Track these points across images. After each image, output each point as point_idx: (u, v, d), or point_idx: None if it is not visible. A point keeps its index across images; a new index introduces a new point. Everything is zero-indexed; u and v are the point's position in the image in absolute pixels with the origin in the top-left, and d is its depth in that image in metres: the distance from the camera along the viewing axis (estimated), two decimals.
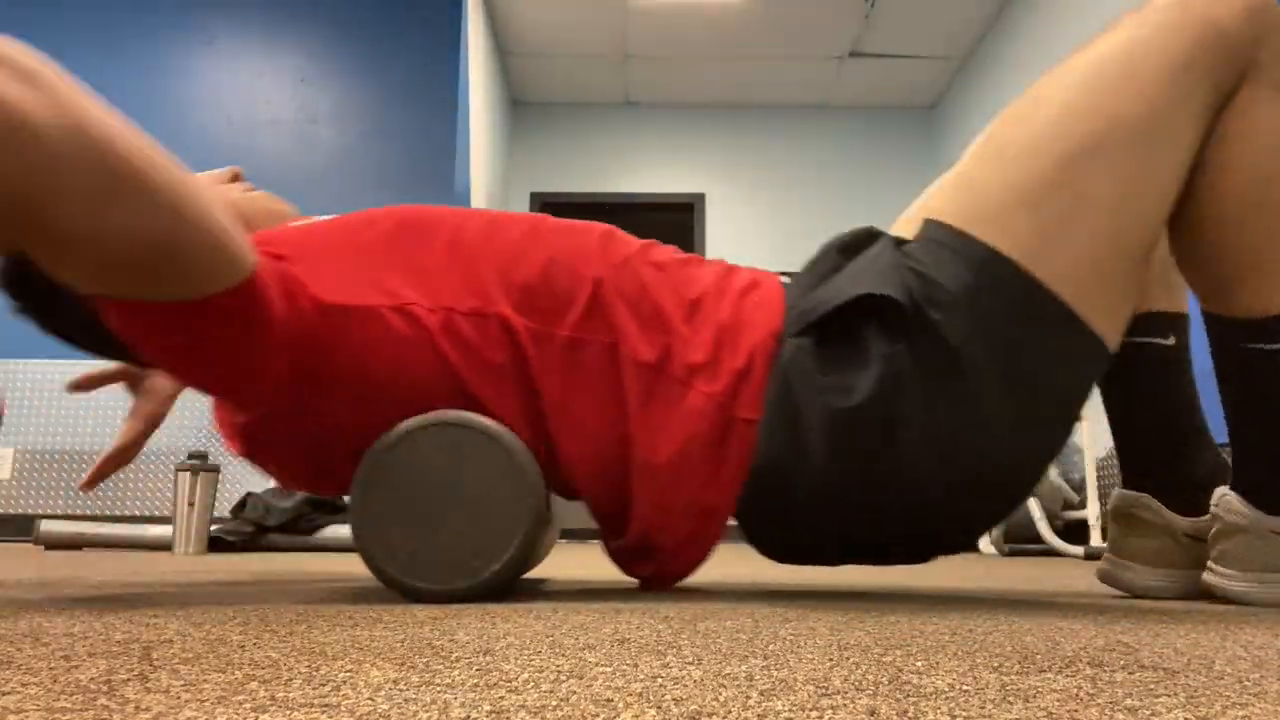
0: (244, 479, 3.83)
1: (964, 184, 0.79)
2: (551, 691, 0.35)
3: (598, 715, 0.30)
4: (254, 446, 0.81)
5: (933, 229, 0.78)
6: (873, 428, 0.75)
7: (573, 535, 4.54)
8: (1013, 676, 0.40)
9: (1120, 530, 0.94)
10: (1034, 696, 0.35)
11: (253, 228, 0.86)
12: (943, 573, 1.52)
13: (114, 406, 3.85)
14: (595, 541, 4.56)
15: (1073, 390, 0.77)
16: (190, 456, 2.32)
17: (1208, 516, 0.87)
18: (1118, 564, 0.95)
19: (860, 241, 0.85)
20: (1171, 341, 0.92)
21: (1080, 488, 3.51)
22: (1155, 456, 0.92)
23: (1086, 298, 0.75)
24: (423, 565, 0.73)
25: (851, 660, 0.44)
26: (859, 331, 0.76)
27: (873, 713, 0.32)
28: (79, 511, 3.75)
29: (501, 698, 0.33)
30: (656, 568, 0.83)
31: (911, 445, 0.75)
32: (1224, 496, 0.85)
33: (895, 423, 0.75)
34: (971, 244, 0.75)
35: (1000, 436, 0.75)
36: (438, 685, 0.36)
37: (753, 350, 0.79)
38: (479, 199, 4.56)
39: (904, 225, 0.85)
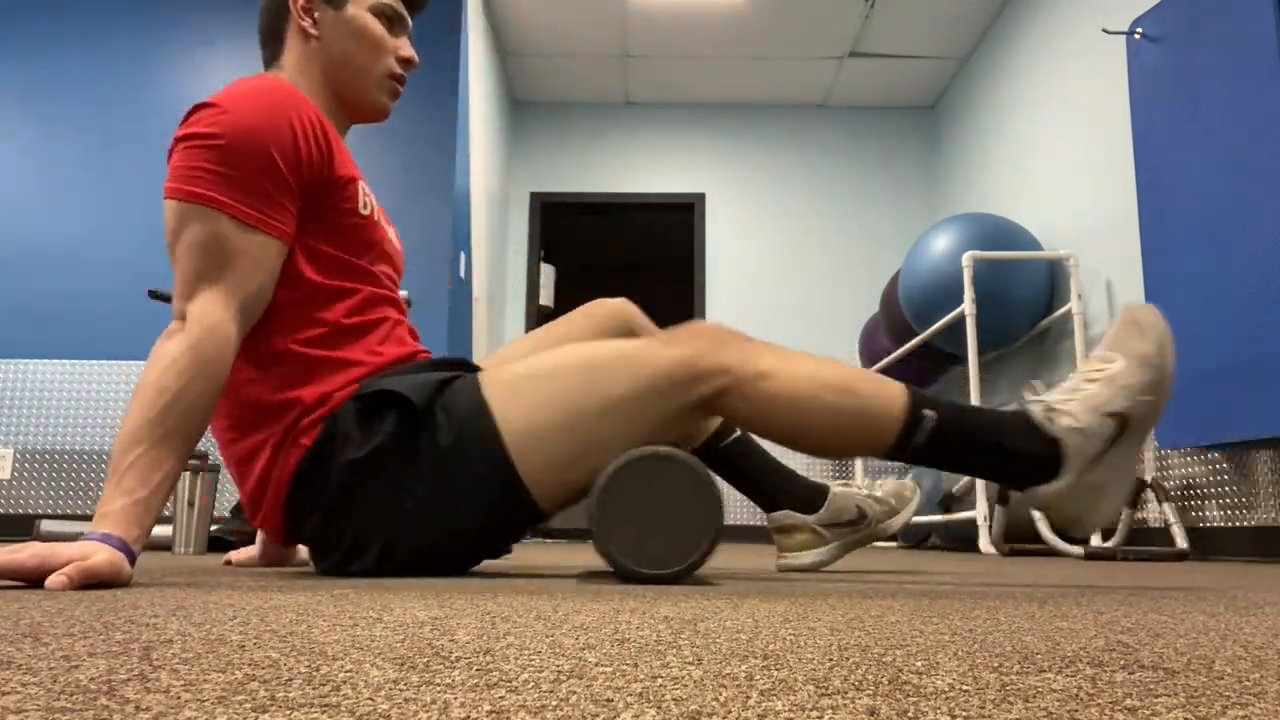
0: None
1: (514, 380, 1.14)
2: (551, 691, 0.35)
3: (598, 715, 0.30)
4: None
5: (475, 386, 1.14)
6: (364, 473, 1.10)
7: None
8: (1013, 676, 0.40)
9: (782, 537, 1.45)
10: (1034, 696, 0.35)
11: None
12: (943, 573, 1.52)
13: (113, 406, 3.85)
14: None
15: (494, 527, 1.13)
16: (190, 457, 2.32)
17: (819, 514, 1.43)
18: (789, 557, 1.44)
19: (445, 364, 1.21)
20: (729, 443, 1.41)
21: None
22: (780, 493, 1.45)
23: (540, 484, 1.11)
24: (647, 555, 1.05)
25: (851, 660, 0.44)
26: (386, 413, 1.11)
27: (873, 713, 0.32)
28: (79, 511, 3.75)
29: (501, 698, 0.33)
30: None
31: (377, 492, 1.10)
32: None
33: (376, 475, 1.10)
34: (486, 411, 1.11)
35: (431, 517, 1.11)
36: (438, 685, 0.36)
37: (328, 402, 1.13)
38: (479, 199, 4.56)
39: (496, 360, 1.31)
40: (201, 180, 1.06)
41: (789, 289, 5.53)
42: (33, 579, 0.81)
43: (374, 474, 1.10)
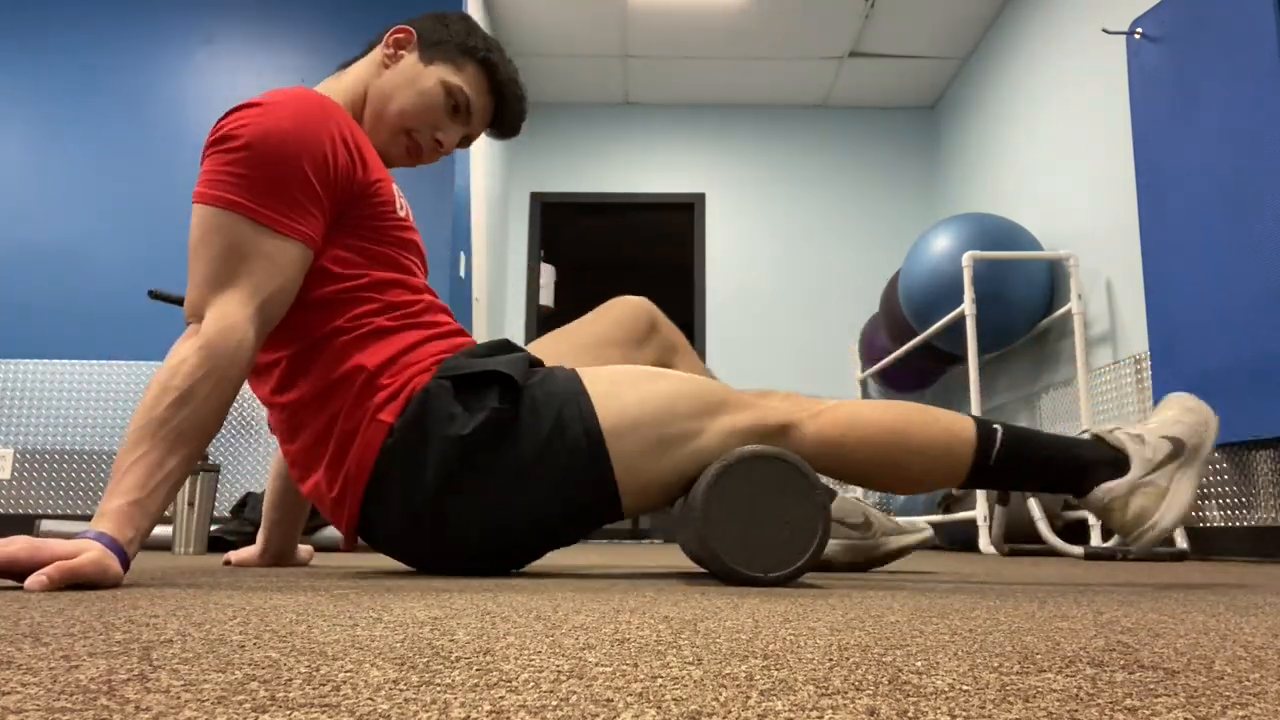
0: (244, 479, 3.83)
1: (610, 374, 1.15)
2: (551, 691, 0.35)
3: (598, 715, 0.30)
4: None
5: (570, 371, 1.15)
6: (470, 449, 1.08)
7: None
8: (1013, 676, 0.40)
9: None
10: (1034, 696, 0.35)
11: None
12: (943, 573, 1.52)
13: (113, 406, 3.85)
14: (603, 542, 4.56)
15: (578, 516, 1.13)
16: (199, 459, 2.32)
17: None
18: None
19: (507, 346, 1.20)
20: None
21: None
22: None
23: (631, 487, 1.12)
24: (753, 557, 1.02)
25: (851, 660, 0.44)
26: (487, 390, 1.10)
27: (873, 713, 0.32)
28: (79, 512, 3.75)
29: (501, 698, 0.33)
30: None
31: (477, 470, 1.09)
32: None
33: (480, 452, 1.09)
34: (584, 391, 1.11)
35: (517, 500, 1.10)
36: (438, 685, 0.36)
37: (410, 382, 1.13)
38: (479, 199, 4.56)
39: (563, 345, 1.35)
40: (223, 184, 1.06)
41: (789, 289, 5.53)
42: (25, 571, 0.81)
43: (478, 450, 1.09)
